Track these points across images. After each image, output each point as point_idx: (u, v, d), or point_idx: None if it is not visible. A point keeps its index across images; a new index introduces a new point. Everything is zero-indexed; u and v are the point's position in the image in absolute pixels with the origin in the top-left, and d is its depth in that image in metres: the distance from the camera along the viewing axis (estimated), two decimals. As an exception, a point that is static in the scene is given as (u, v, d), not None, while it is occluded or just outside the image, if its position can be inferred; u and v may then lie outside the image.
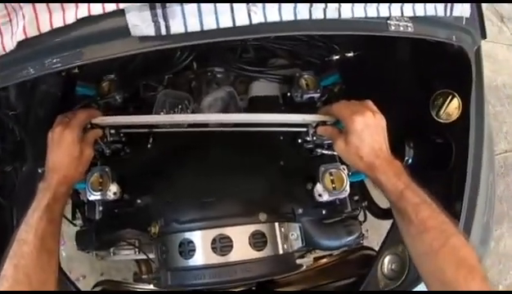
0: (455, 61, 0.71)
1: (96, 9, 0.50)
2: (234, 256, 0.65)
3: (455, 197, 0.76)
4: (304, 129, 0.82)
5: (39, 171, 0.81)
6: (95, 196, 0.76)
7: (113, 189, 0.76)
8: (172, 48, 0.84)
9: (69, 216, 0.91)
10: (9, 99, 0.81)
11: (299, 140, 0.86)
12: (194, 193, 0.73)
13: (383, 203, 0.94)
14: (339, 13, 0.52)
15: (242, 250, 0.66)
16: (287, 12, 0.52)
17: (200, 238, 0.66)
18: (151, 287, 0.97)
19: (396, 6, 0.54)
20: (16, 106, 0.83)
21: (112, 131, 0.79)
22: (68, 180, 0.68)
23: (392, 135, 0.90)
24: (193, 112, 0.90)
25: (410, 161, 0.82)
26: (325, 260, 0.99)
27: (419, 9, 0.54)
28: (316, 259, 1.01)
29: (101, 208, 0.81)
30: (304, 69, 0.90)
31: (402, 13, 0.54)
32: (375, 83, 0.72)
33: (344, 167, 0.82)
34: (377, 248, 0.83)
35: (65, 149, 0.68)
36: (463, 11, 0.59)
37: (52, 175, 0.67)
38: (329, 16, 0.52)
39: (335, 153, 0.85)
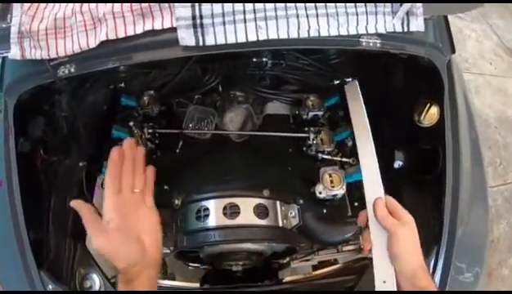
0: (430, 74, 0.94)
1: (157, 25, 0.81)
2: (240, 220, 0.85)
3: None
4: (306, 135, 1.06)
5: (80, 164, 1.04)
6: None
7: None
8: (202, 70, 1.16)
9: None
10: (61, 102, 1.02)
11: (304, 148, 1.09)
12: (213, 174, 0.96)
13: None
14: (318, 33, 0.80)
15: (247, 216, 0.85)
16: (282, 32, 0.81)
17: (214, 205, 0.87)
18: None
19: (362, 27, 0.81)
20: (67, 110, 1.03)
21: (150, 131, 1.07)
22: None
23: (384, 145, 1.11)
24: (216, 125, 1.17)
25: (401, 164, 1.02)
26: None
27: (380, 26, 0.81)
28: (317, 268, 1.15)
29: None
30: (310, 92, 1.18)
31: (367, 31, 0.81)
32: (369, 100, 0.95)
33: (342, 170, 1.04)
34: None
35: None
36: (418, 26, 0.83)
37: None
38: (311, 35, 0.80)
39: (334, 158, 1.08)
